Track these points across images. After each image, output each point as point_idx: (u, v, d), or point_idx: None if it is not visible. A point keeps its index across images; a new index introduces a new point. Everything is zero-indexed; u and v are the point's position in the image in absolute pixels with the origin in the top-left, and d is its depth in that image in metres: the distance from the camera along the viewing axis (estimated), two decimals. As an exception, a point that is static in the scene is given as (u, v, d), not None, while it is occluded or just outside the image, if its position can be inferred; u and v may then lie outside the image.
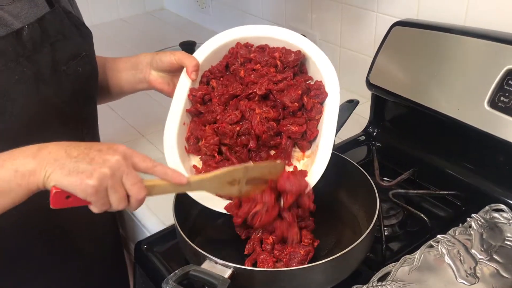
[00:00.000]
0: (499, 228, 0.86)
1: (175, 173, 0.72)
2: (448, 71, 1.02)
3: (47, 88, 0.85)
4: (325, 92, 0.91)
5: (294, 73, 0.93)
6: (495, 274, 0.78)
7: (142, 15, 2.28)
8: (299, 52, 0.94)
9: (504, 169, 0.97)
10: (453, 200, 1.03)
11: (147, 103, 1.53)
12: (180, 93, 0.94)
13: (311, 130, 0.90)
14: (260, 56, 0.94)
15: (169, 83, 1.01)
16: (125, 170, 0.67)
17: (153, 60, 0.99)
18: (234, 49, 0.97)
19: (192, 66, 0.93)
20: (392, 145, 1.19)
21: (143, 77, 1.02)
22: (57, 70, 0.86)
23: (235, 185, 0.80)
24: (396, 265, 0.79)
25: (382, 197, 0.96)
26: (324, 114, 0.90)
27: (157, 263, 0.92)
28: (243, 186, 0.81)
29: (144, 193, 0.69)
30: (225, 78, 0.96)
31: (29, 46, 0.82)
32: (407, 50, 1.11)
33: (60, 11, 0.89)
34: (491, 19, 1.06)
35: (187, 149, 0.94)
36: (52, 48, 0.86)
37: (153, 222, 1.04)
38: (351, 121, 1.10)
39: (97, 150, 0.67)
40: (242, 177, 0.80)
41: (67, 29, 0.89)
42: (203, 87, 0.95)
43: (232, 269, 0.74)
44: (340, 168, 0.96)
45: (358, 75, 1.26)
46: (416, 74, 1.08)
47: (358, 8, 1.36)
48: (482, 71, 0.97)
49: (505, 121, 0.91)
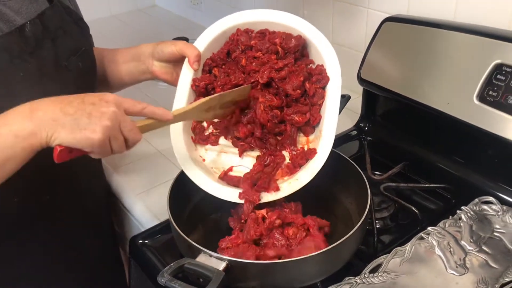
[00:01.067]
0: (488, 220, 0.87)
1: (161, 111, 0.77)
2: (438, 66, 1.03)
3: (51, 84, 0.85)
4: (326, 77, 0.92)
5: (295, 58, 0.94)
6: (484, 265, 0.79)
7: (133, 12, 2.28)
8: (300, 37, 0.93)
9: (493, 162, 0.99)
10: (443, 193, 1.05)
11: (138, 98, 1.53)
12: (183, 84, 0.95)
13: (314, 115, 0.91)
14: (261, 43, 0.94)
15: (172, 73, 1.01)
16: (121, 118, 0.71)
17: (154, 51, 1.00)
18: (234, 36, 0.97)
19: (194, 57, 0.94)
20: (383, 139, 1.21)
21: (146, 68, 1.02)
22: (59, 65, 0.87)
23: (210, 111, 0.89)
24: (387, 257, 0.80)
25: (374, 191, 0.97)
26: (326, 98, 0.91)
27: (152, 258, 0.93)
28: (216, 110, 0.90)
29: (140, 136, 0.75)
30: (227, 65, 0.97)
31: (31, 42, 0.82)
32: (397, 45, 1.12)
33: (59, 6, 0.89)
34: (479, 15, 1.08)
35: (194, 139, 0.95)
36: (54, 44, 0.86)
37: (147, 217, 1.05)
38: (343, 116, 1.11)
39: (91, 103, 0.70)
40: (217, 103, 0.88)
41: (66, 25, 0.90)
42: (205, 76, 0.96)
43: (227, 261, 0.75)
44: (333, 162, 0.97)
45: (349, 70, 1.26)
46: (406, 69, 1.10)
47: (350, 4, 1.38)
48: (471, 66, 0.98)
49: (494, 115, 0.93)
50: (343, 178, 0.98)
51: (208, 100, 0.87)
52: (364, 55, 1.18)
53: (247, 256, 0.80)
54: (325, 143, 0.88)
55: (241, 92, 0.92)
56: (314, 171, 0.87)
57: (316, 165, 0.87)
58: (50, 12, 0.86)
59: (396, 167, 1.08)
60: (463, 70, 0.99)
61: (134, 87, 1.57)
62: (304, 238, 0.84)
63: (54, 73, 0.86)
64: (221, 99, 0.88)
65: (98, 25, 2.08)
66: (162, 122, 0.79)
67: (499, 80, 0.93)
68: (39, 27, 0.84)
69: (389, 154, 1.16)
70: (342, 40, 1.43)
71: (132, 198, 1.11)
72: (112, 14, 2.23)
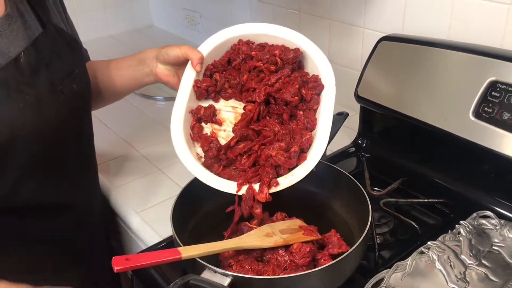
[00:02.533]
0: (486, 234, 0.88)
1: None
2: (434, 83, 1.05)
3: (48, 109, 0.86)
4: (321, 84, 0.96)
5: (292, 69, 0.98)
6: (484, 278, 0.80)
7: (131, 31, 2.30)
8: (298, 50, 0.98)
9: (490, 177, 1.00)
10: (441, 208, 1.06)
11: (137, 116, 1.55)
12: (185, 84, 0.98)
13: (311, 119, 0.95)
14: (261, 53, 0.98)
15: (174, 75, 1.04)
16: None
17: (159, 54, 1.03)
18: (236, 45, 1.01)
19: (197, 59, 0.97)
20: (381, 155, 1.22)
21: (150, 70, 1.05)
22: (54, 90, 0.87)
23: (272, 236, 0.88)
24: (389, 271, 0.80)
25: (374, 206, 0.98)
26: (321, 104, 0.95)
27: (156, 276, 0.93)
28: (281, 234, 0.88)
29: None
30: (228, 72, 1.01)
31: (27, 72, 0.83)
32: (393, 63, 1.15)
33: (52, 30, 0.89)
34: (473, 33, 1.10)
35: (192, 137, 0.97)
36: (48, 69, 0.86)
37: (149, 235, 1.05)
38: (341, 133, 1.13)
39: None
40: (273, 229, 0.89)
41: (60, 48, 0.90)
42: (207, 79, 1.00)
43: (231, 277, 0.76)
44: (334, 179, 0.99)
45: (347, 88, 1.28)
46: (403, 86, 1.12)
47: (346, 24, 1.40)
48: (466, 83, 1.00)
49: (489, 131, 0.95)
50: (343, 194, 0.99)
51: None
52: (361, 73, 1.20)
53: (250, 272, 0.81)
54: (319, 144, 0.91)
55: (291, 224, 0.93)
56: (308, 168, 0.89)
57: (310, 163, 0.90)
58: (43, 37, 0.87)
59: (394, 183, 1.10)
60: (458, 87, 1.01)
61: (133, 106, 1.60)
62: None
63: (50, 99, 0.86)
64: (272, 228, 0.90)
65: (97, 45, 2.11)
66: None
67: (494, 97, 0.95)
68: (33, 55, 0.84)
69: (387, 170, 1.18)
70: (339, 59, 1.45)
71: (132, 216, 1.11)
72: (110, 34, 2.25)
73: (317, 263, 0.86)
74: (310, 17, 1.50)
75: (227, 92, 1.01)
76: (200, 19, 2.04)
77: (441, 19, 1.16)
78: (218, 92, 1.01)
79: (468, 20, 1.11)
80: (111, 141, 1.41)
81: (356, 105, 1.24)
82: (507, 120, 0.93)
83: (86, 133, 1.02)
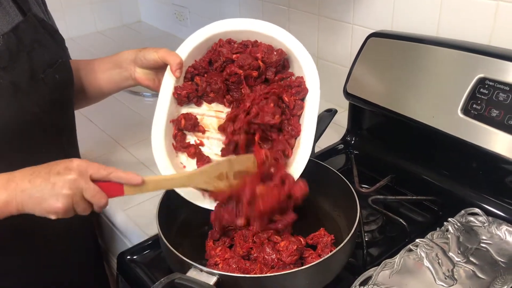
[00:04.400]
0: (474, 231, 0.88)
1: (129, 176, 0.79)
2: (423, 80, 1.05)
3: (26, 97, 0.84)
4: (305, 88, 0.94)
5: (276, 72, 0.96)
6: (472, 276, 0.80)
7: (119, 27, 2.28)
8: (282, 51, 0.95)
9: (478, 174, 1.00)
10: (430, 205, 1.06)
11: (124, 113, 1.54)
12: (165, 92, 0.95)
13: (294, 126, 0.93)
14: (243, 58, 0.94)
15: (154, 79, 1.01)
16: (83, 185, 0.74)
17: (136, 58, 1.00)
18: (216, 46, 0.97)
19: (176, 64, 0.94)
20: (369, 152, 1.22)
21: (128, 75, 1.02)
22: (35, 79, 0.86)
23: (223, 179, 0.87)
24: (377, 269, 0.80)
25: (362, 204, 0.97)
26: (305, 109, 0.93)
27: (141, 274, 0.92)
28: (231, 180, 0.87)
29: (105, 200, 0.77)
30: (209, 74, 0.97)
31: (5, 57, 0.81)
32: (382, 60, 1.14)
33: (33, 19, 0.88)
34: (461, 30, 1.10)
35: (175, 146, 0.95)
36: (29, 57, 0.85)
37: (135, 233, 1.04)
38: (330, 130, 1.13)
39: (56, 173, 0.74)
40: (228, 170, 0.87)
41: (42, 37, 0.89)
42: (187, 85, 0.96)
43: (218, 276, 0.75)
44: (322, 176, 0.98)
45: (335, 85, 1.28)
46: (391, 83, 1.11)
47: (335, 20, 1.40)
48: (455, 80, 1.00)
49: (478, 128, 0.95)
50: (331, 191, 0.98)
51: (214, 165, 0.87)
52: (349, 70, 1.20)
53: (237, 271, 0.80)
54: (302, 154, 0.90)
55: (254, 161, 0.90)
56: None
57: (294, 174, 0.89)
58: (24, 25, 0.86)
59: (383, 180, 1.09)
60: (447, 84, 1.01)
61: (120, 102, 1.58)
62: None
63: (30, 87, 0.85)
64: (231, 164, 0.88)
65: (84, 41, 2.10)
66: (135, 188, 0.80)
67: (483, 93, 0.95)
68: (13, 40, 0.83)
69: (376, 167, 1.17)
70: (328, 55, 1.45)
71: (119, 213, 1.10)
72: (97, 30, 2.23)
73: (304, 261, 0.85)
74: (299, 13, 1.49)
75: (209, 96, 0.98)
76: (189, 15, 2.02)
77: (430, 16, 1.16)
78: (200, 97, 0.98)
79: (457, 17, 1.11)
80: (97, 138, 1.39)
81: (345, 102, 1.23)
82: (495, 117, 0.93)
83: (68, 127, 1.00)
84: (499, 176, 0.97)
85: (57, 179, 0.73)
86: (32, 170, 0.75)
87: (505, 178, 0.96)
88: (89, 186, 0.75)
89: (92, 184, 0.75)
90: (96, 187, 0.76)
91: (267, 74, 0.95)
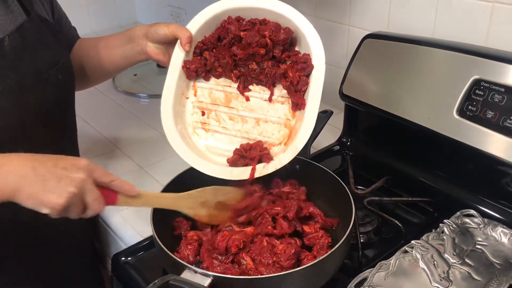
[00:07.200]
0: (470, 232, 0.88)
1: (128, 186, 0.78)
2: (418, 82, 1.05)
3: (31, 96, 0.85)
4: (311, 65, 0.95)
5: (283, 50, 0.97)
6: (467, 277, 0.80)
7: (115, 28, 2.27)
8: (289, 30, 0.97)
9: (473, 176, 1.00)
10: (425, 207, 1.06)
11: (122, 115, 1.53)
12: (174, 65, 0.98)
13: (300, 101, 0.95)
14: (251, 35, 0.96)
15: (165, 53, 1.02)
16: (88, 187, 0.72)
17: (148, 32, 1.00)
18: (225, 23, 0.99)
19: (186, 38, 0.96)
20: (365, 154, 1.22)
21: (140, 49, 1.03)
22: (40, 78, 0.87)
23: (205, 207, 0.89)
24: (372, 271, 0.80)
25: (357, 205, 0.97)
26: (310, 85, 0.95)
27: (135, 275, 0.91)
28: (211, 210, 0.90)
29: (103, 207, 0.75)
30: (218, 50, 1.00)
31: (11, 57, 0.82)
32: (378, 61, 1.14)
33: (36, 19, 0.89)
34: (457, 32, 1.10)
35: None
36: (33, 57, 0.86)
37: (129, 234, 1.04)
38: (325, 131, 1.13)
39: (62, 167, 0.70)
40: (212, 199, 0.89)
41: (45, 37, 0.90)
42: (196, 59, 0.99)
43: (212, 277, 0.75)
44: (317, 177, 0.98)
45: (331, 86, 1.28)
46: (387, 84, 1.11)
47: (331, 21, 1.40)
48: (450, 81, 1.00)
49: (473, 129, 0.95)
50: (327, 192, 0.98)
51: (200, 190, 0.89)
52: (345, 71, 1.19)
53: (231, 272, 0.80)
54: (306, 126, 0.91)
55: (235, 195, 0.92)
56: (295, 152, 0.91)
57: (298, 145, 0.91)
58: (28, 25, 0.86)
59: (378, 182, 1.09)
60: (442, 86, 1.01)
61: (115, 103, 1.58)
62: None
63: (34, 86, 0.86)
64: (215, 193, 0.90)
65: (79, 42, 2.09)
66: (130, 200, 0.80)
67: (478, 95, 0.95)
68: (18, 40, 0.84)
69: (372, 169, 1.17)
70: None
71: (113, 215, 1.09)
72: (94, 31, 2.22)
73: (300, 263, 0.85)
74: (295, 14, 1.49)
75: (217, 70, 1.00)
76: (185, 16, 2.02)
77: (426, 17, 1.16)
78: (208, 71, 1.00)
79: (452, 19, 1.11)
80: (93, 139, 1.39)
81: (341, 103, 1.23)
82: (490, 119, 0.93)
83: (69, 126, 1.01)
84: (495, 178, 0.97)
85: (63, 173, 0.70)
86: (34, 157, 0.72)
87: (501, 180, 0.96)
88: (93, 189, 0.73)
89: (95, 188, 0.74)
90: (99, 192, 0.74)
91: (275, 52, 0.97)
